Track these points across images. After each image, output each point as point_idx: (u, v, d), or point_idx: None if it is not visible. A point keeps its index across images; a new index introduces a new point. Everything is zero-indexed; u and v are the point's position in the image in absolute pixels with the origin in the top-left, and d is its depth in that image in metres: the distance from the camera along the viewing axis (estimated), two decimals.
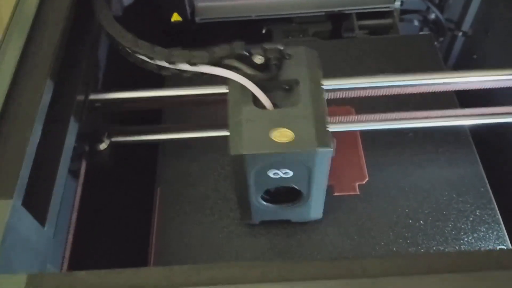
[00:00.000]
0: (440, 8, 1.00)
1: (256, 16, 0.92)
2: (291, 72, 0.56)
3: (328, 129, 0.53)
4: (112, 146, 0.65)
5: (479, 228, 0.62)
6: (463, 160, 0.68)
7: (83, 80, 0.60)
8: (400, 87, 0.61)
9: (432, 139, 0.70)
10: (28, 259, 0.44)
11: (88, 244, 0.62)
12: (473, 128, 0.71)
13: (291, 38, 0.94)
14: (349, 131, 0.67)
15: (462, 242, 0.62)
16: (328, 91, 0.58)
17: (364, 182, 0.66)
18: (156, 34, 0.92)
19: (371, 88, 0.60)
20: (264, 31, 0.95)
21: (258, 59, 0.56)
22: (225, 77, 0.56)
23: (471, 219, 0.63)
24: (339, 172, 0.66)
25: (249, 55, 0.56)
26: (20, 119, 0.48)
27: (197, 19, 0.92)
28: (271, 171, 0.53)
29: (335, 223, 0.63)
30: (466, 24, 0.99)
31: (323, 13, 0.92)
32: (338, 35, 0.94)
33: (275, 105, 0.54)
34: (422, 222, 0.63)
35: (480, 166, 0.68)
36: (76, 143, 0.58)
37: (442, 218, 0.63)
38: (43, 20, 0.57)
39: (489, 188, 0.66)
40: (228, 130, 0.53)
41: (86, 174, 0.61)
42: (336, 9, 0.91)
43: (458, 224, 0.63)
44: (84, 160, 0.62)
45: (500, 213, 0.64)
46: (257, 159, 0.51)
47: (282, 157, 0.51)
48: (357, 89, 0.60)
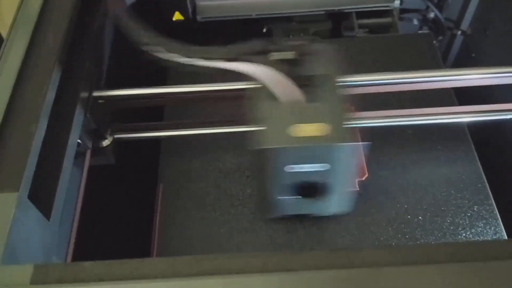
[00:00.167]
0: (439, 7, 1.01)
1: (256, 15, 0.92)
2: (313, 68, 0.57)
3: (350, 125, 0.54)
4: (115, 143, 0.66)
5: (477, 224, 0.63)
6: (461, 157, 0.69)
7: (86, 77, 0.61)
8: (398, 85, 0.61)
9: (430, 136, 0.71)
10: (34, 250, 0.45)
11: (92, 238, 0.63)
12: (471, 125, 0.72)
13: (291, 37, 0.94)
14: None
15: (460, 237, 0.62)
16: None
17: (363, 179, 0.67)
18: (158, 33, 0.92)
19: (370, 86, 0.61)
20: (265, 30, 0.96)
21: (288, 55, 0.56)
22: (243, 73, 0.55)
23: (469, 214, 0.64)
24: None
25: (277, 50, 0.56)
26: (25, 115, 0.49)
27: (198, 18, 0.92)
28: (298, 165, 0.54)
29: (335, 219, 0.64)
30: (465, 23, 1.00)
31: (323, 12, 0.93)
32: (338, 34, 0.95)
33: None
34: (421, 217, 0.64)
35: (478, 162, 0.69)
36: (80, 139, 0.59)
37: (441, 214, 0.64)
38: (48, 18, 0.58)
39: (486, 184, 0.66)
40: (254, 126, 0.53)
41: (90, 170, 0.62)
42: (336, 8, 0.92)
43: (456, 220, 0.64)
44: (88, 156, 0.63)
45: (497, 208, 0.64)
46: (287, 153, 0.52)
47: (311, 150, 0.52)
48: (356, 86, 0.61)
